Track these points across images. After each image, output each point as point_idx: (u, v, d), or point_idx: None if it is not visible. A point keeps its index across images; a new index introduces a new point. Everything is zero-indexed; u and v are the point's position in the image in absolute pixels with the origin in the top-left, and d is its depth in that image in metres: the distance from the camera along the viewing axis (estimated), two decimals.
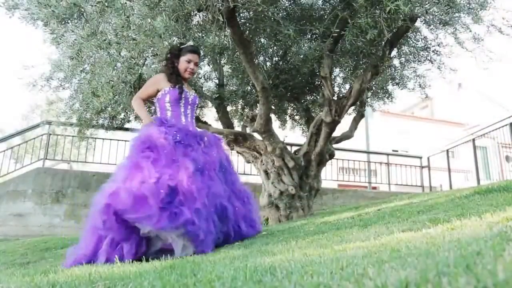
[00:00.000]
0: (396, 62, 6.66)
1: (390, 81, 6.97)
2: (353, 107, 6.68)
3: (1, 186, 7.30)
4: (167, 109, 3.30)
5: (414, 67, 6.71)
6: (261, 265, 1.45)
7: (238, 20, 4.91)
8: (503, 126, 9.22)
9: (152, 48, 4.97)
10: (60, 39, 4.90)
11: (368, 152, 12.13)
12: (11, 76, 48.81)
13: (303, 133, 8.10)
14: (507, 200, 2.73)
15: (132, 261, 2.48)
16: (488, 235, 1.37)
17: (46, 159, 8.13)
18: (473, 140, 10.09)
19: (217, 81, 7.31)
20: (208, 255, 2.38)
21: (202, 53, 6.84)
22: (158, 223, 2.55)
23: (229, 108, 7.33)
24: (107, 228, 2.60)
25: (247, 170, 9.11)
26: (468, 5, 4.70)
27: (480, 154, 11.53)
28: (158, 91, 3.34)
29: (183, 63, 3.41)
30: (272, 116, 7.19)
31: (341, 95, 6.03)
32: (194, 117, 3.51)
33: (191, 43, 3.59)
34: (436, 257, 1.07)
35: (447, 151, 11.28)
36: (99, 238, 2.70)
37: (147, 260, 2.49)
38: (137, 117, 7.57)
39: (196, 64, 3.48)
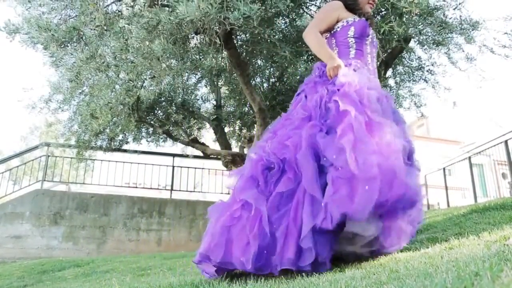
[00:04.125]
0: (391, 81, 6.74)
1: None
2: None
3: None
4: (350, 46, 2.40)
5: (409, 87, 6.80)
6: None
7: (235, 42, 4.99)
8: (498, 144, 9.27)
9: (150, 71, 5.03)
10: (60, 62, 4.96)
11: None
12: (11, 98, 49.05)
13: None
14: (504, 218, 2.75)
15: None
16: (486, 255, 1.38)
17: (45, 180, 8.10)
18: (469, 158, 10.14)
19: (214, 102, 7.40)
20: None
21: (199, 75, 6.97)
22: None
23: (226, 129, 7.39)
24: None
25: None
26: (460, 25, 4.80)
27: (477, 171, 11.56)
28: (337, 21, 2.44)
29: None
30: None
31: None
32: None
33: None
34: (434, 279, 1.08)
35: (444, 169, 11.30)
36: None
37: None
38: (135, 138, 7.60)
39: None
